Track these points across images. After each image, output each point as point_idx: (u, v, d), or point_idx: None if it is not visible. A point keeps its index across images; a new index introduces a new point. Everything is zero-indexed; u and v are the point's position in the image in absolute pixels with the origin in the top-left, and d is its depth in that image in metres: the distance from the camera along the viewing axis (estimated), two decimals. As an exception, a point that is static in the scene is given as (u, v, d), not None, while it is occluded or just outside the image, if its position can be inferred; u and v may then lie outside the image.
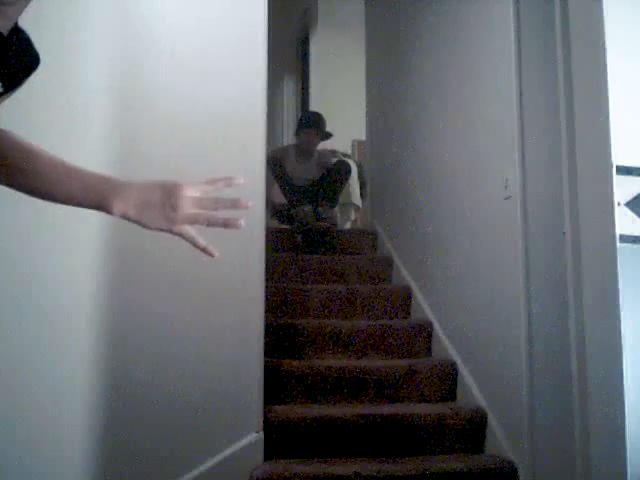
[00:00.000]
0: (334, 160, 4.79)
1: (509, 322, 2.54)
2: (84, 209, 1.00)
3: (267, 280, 2.73)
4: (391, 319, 3.55)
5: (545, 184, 2.37)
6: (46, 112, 1.54)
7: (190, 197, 0.96)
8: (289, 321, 3.33)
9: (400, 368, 2.98)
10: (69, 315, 1.65)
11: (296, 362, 2.98)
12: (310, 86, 6.48)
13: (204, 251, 0.98)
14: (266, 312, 2.69)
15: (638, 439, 1.83)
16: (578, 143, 2.10)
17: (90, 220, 1.61)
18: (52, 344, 1.57)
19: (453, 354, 3.07)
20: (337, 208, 4.76)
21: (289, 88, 7.32)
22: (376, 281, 3.96)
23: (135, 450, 1.93)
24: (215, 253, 0.98)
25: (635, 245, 1.89)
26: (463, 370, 2.97)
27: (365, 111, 4.95)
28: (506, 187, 2.58)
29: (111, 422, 1.80)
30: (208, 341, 2.29)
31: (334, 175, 4.61)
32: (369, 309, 3.58)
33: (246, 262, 2.51)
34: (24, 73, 0.97)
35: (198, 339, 2.24)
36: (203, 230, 0.97)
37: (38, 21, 1.05)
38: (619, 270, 1.87)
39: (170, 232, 0.98)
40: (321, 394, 2.88)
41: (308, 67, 6.65)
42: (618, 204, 1.89)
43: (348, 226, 5.21)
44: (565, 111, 2.20)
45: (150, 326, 2.00)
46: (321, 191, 4.54)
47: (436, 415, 2.70)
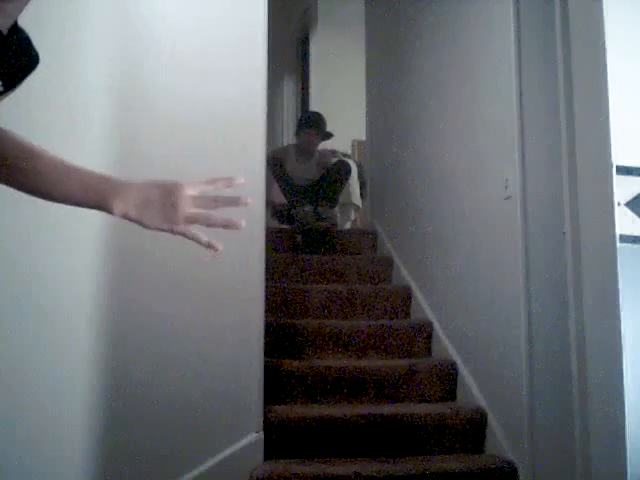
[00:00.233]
0: (334, 160, 4.79)
1: (509, 322, 2.54)
2: (84, 209, 1.00)
3: (267, 280, 2.73)
4: (391, 319, 3.55)
5: (545, 184, 2.37)
6: (46, 112, 1.54)
7: (190, 196, 0.96)
8: (289, 321, 3.32)
9: (400, 368, 2.98)
10: (69, 315, 1.65)
11: (296, 362, 2.98)
12: (310, 86, 6.47)
13: (208, 246, 0.98)
14: (266, 312, 2.69)
15: (638, 439, 1.83)
16: (578, 143, 2.10)
17: (90, 220, 1.61)
18: (52, 344, 1.57)
19: (453, 354, 3.07)
20: (337, 208, 4.76)
21: (289, 88, 7.32)
22: (376, 281, 3.95)
23: (135, 450, 1.93)
24: (219, 247, 0.98)
25: (635, 245, 1.89)
26: (463, 370, 2.97)
27: (365, 111, 4.95)
28: (506, 187, 2.58)
29: (111, 422, 1.80)
30: (208, 341, 2.29)
31: (334, 175, 4.61)
32: (369, 309, 3.58)
33: (246, 262, 2.51)
34: (23, 72, 0.97)
35: (198, 339, 2.24)
36: (203, 231, 0.97)
37: (38, 20, 1.05)
38: (619, 270, 1.87)
39: (171, 232, 0.98)
40: (321, 394, 2.88)
41: (308, 67, 6.65)
42: (618, 204, 1.90)
43: (348, 226, 5.21)
44: (565, 111, 2.20)
45: (150, 326, 2.00)
46: (321, 191, 4.54)
47: (436, 415, 2.70)
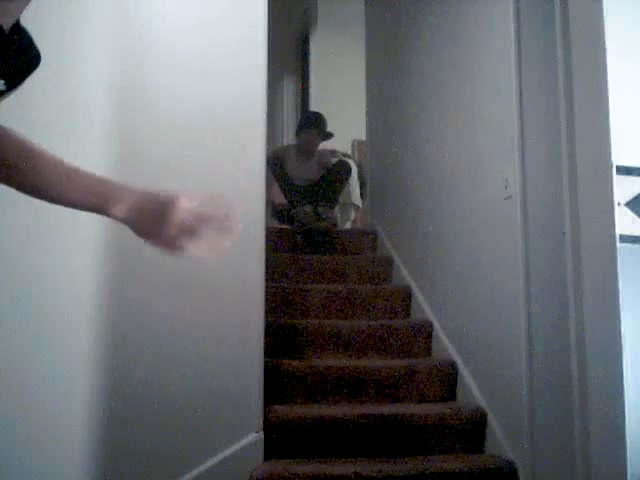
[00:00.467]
0: (334, 160, 4.79)
1: (509, 322, 2.54)
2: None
3: (267, 280, 2.73)
4: (391, 319, 3.55)
5: (545, 184, 2.37)
6: (46, 112, 1.54)
7: (185, 209, 0.96)
8: (289, 321, 3.32)
9: (400, 368, 2.98)
10: (69, 315, 1.65)
11: (296, 362, 2.97)
12: (310, 86, 6.47)
13: (212, 248, 0.99)
14: (266, 312, 2.69)
15: (638, 439, 1.83)
16: (578, 143, 2.10)
17: (90, 220, 1.61)
18: (52, 344, 1.57)
19: (453, 354, 3.07)
20: (337, 208, 4.76)
21: (289, 88, 7.32)
22: (376, 281, 3.95)
23: (135, 450, 1.93)
24: (222, 245, 0.98)
25: (635, 245, 1.89)
26: (463, 370, 2.97)
27: (365, 111, 4.95)
28: (506, 187, 2.58)
29: (111, 422, 1.80)
30: (208, 341, 2.29)
31: (334, 175, 4.61)
32: (369, 309, 3.58)
33: (246, 262, 2.51)
34: (25, 71, 0.97)
35: (198, 339, 2.24)
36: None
37: (38, 20, 1.05)
38: (619, 270, 1.87)
39: (162, 246, 0.97)
40: (321, 394, 2.88)
41: (308, 67, 6.65)
42: (618, 204, 1.89)
43: (348, 226, 5.21)
44: (565, 111, 2.20)
45: (150, 326, 2.00)
46: (321, 191, 4.54)
47: (436, 415, 2.70)
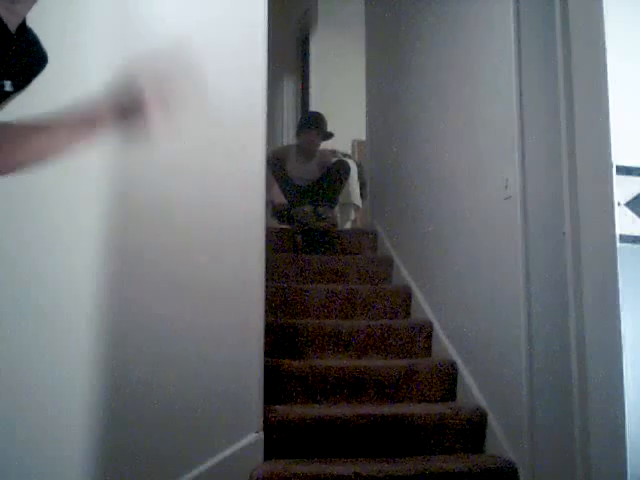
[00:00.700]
0: (334, 160, 4.79)
1: (509, 322, 2.54)
2: (83, 212, 1.00)
3: (267, 280, 2.73)
4: (391, 319, 3.55)
5: (545, 184, 2.37)
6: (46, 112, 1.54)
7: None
8: (289, 321, 3.32)
9: (400, 368, 2.98)
10: (69, 315, 1.65)
11: (296, 362, 2.97)
12: (310, 86, 6.48)
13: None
14: (266, 312, 2.68)
15: (638, 439, 1.83)
16: (578, 143, 2.10)
17: (90, 221, 1.61)
18: (52, 344, 1.57)
19: (453, 354, 3.07)
20: (337, 208, 4.76)
21: (289, 88, 7.32)
22: (376, 281, 3.95)
23: (135, 450, 1.93)
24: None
25: (635, 245, 1.89)
26: (463, 370, 2.97)
27: (365, 111, 4.95)
28: (506, 187, 2.58)
29: (111, 422, 1.80)
30: (208, 341, 2.29)
31: (334, 175, 4.61)
32: (369, 309, 3.57)
33: (246, 262, 2.51)
34: (32, 72, 0.97)
35: (198, 339, 2.23)
36: (202, 231, 0.97)
37: (39, 21, 1.05)
38: (619, 270, 1.87)
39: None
40: (321, 394, 2.88)
41: (308, 67, 6.65)
42: (618, 204, 1.90)
43: (348, 226, 5.21)
44: (565, 111, 2.20)
45: (150, 326, 2.00)
46: (321, 191, 4.54)
47: (436, 415, 2.70)
